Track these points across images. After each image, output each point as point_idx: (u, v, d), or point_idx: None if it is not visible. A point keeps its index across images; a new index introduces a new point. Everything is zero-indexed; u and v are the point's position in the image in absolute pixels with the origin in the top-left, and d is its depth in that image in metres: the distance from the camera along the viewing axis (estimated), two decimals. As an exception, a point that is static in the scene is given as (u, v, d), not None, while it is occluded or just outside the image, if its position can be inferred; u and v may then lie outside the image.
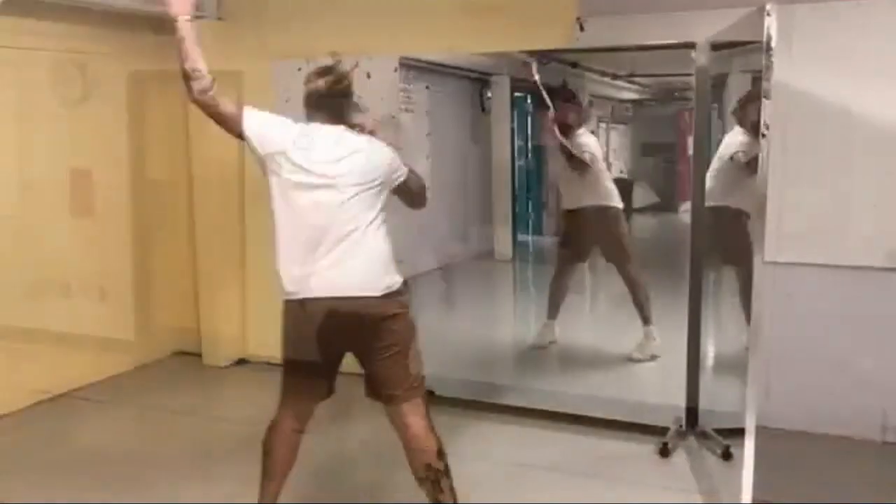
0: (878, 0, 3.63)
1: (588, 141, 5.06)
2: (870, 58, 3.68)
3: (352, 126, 2.94)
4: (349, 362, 2.98)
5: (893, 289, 3.78)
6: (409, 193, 3.03)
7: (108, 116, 5.06)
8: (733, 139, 4.13)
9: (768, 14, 2.80)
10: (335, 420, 3.96)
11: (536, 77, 4.84)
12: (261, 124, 2.93)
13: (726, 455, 3.72)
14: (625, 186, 7.29)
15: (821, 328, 3.89)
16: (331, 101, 2.95)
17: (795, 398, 3.92)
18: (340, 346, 2.89)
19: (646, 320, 4.88)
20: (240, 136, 2.95)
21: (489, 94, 5.69)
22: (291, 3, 4.96)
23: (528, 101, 6.97)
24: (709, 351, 4.13)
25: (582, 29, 4.17)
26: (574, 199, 5.09)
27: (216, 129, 5.22)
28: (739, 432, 3.29)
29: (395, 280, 2.83)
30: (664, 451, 3.81)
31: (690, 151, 4.38)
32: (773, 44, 2.79)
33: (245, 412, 4.73)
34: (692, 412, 4.00)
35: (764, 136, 2.88)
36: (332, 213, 2.74)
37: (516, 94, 6.18)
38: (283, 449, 2.99)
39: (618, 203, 5.01)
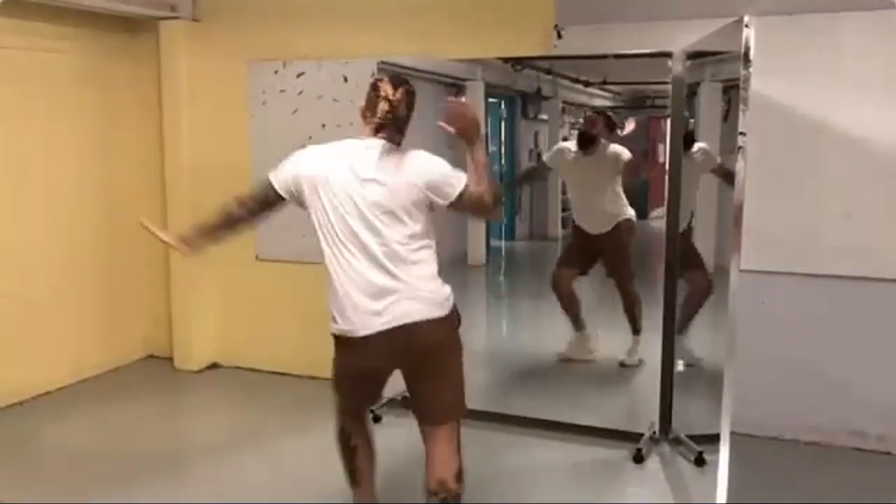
0: (851, 13, 3.69)
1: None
2: (843, 70, 3.74)
3: None
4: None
5: (864, 297, 3.85)
6: None
7: (80, 116, 4.99)
8: None
9: (747, 25, 2.84)
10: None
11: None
12: None
13: (699, 461, 3.76)
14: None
15: (793, 336, 3.94)
16: None
17: (766, 404, 3.98)
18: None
19: (639, 331, 4.97)
20: None
21: (464, 99, 5.69)
22: (268, 4, 4.93)
23: (502, 106, 7.01)
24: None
25: (560, 37, 4.19)
26: (604, 218, 5.04)
27: (189, 130, 5.22)
28: (711, 438, 3.33)
29: None
30: (638, 458, 3.83)
31: (661, 158, 4.42)
32: (751, 55, 2.84)
33: (216, 416, 4.70)
34: (666, 418, 4.03)
35: (741, 146, 2.92)
36: None
37: (490, 99, 6.20)
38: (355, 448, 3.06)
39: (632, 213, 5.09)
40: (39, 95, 4.71)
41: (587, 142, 4.95)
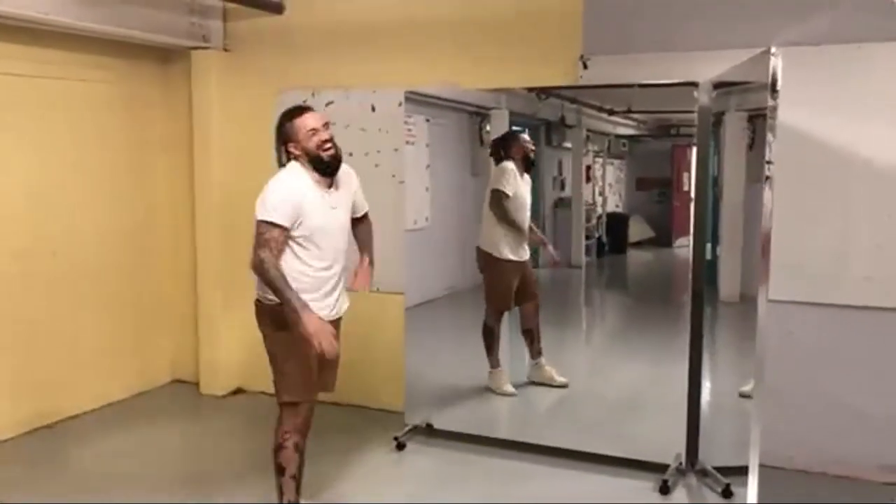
0: (879, 44, 3.68)
1: None
2: (871, 99, 3.73)
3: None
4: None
5: (893, 328, 3.80)
6: None
7: (113, 143, 5.09)
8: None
9: (774, 55, 2.85)
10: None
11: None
12: None
13: (727, 493, 3.72)
14: (620, 221, 7.35)
15: (821, 367, 3.90)
16: None
17: (794, 437, 3.92)
18: None
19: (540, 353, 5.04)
20: None
21: (488, 128, 5.73)
22: (296, 35, 5.01)
23: (526, 134, 7.03)
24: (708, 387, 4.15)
25: (585, 67, 4.22)
26: (524, 249, 5.02)
27: (219, 157, 5.30)
28: (738, 470, 3.30)
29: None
30: (664, 489, 3.79)
31: (686, 187, 4.41)
32: (778, 85, 2.85)
33: (241, 442, 4.70)
34: (692, 449, 3.99)
35: (768, 175, 2.93)
36: None
37: (514, 127, 6.22)
38: None
39: None
40: (73, 123, 4.82)
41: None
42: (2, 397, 4.44)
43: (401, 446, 4.36)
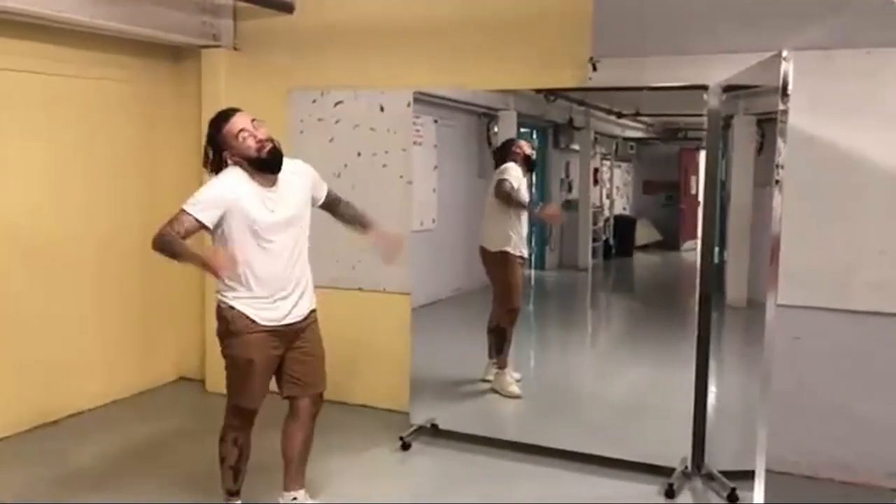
0: (889, 49, 3.68)
1: None
2: (879, 104, 3.72)
3: None
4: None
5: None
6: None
7: (124, 140, 5.11)
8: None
9: (785, 59, 2.85)
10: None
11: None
12: None
13: (732, 497, 3.70)
14: (627, 223, 7.34)
15: (828, 372, 3.89)
16: None
17: (801, 442, 3.91)
18: None
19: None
20: None
21: (496, 129, 5.73)
22: (306, 35, 5.02)
23: (534, 136, 7.03)
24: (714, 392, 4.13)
25: (594, 69, 4.22)
26: (525, 246, 5.01)
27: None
28: (744, 475, 3.29)
29: None
30: (669, 492, 3.78)
31: (693, 190, 4.40)
32: (789, 88, 2.84)
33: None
34: (698, 453, 3.98)
35: (778, 179, 2.92)
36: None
37: (522, 129, 6.22)
38: None
39: None
40: (85, 120, 4.83)
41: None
42: (5, 394, 4.45)
43: (406, 446, 4.36)
